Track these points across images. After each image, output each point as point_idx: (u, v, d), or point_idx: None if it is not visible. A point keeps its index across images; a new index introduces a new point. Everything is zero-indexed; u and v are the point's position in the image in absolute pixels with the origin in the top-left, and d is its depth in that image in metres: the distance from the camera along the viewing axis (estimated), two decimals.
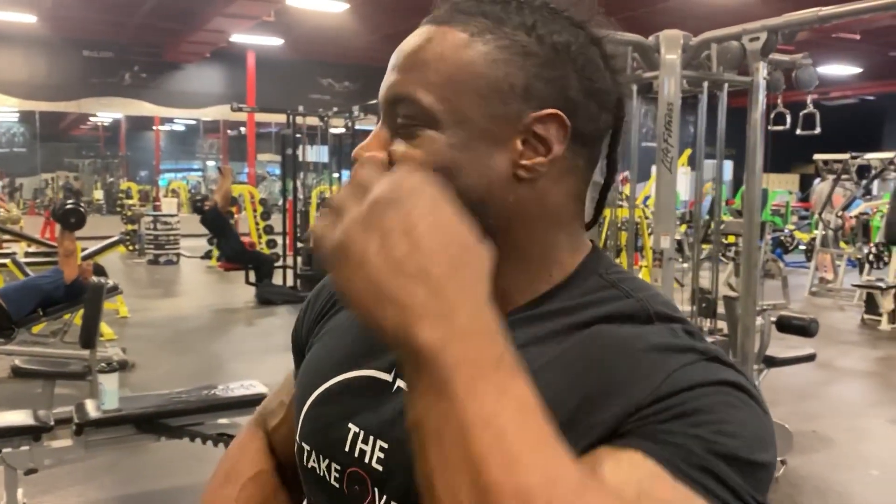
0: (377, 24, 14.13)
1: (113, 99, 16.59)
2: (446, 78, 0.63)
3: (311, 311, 0.85)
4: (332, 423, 0.72)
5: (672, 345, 0.60)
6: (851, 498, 3.64)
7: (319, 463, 0.73)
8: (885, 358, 6.75)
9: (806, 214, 15.25)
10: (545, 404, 0.58)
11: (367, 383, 0.71)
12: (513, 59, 0.63)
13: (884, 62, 16.74)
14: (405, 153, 0.64)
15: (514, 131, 0.63)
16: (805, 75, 4.16)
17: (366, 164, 0.58)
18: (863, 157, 10.12)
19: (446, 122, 0.63)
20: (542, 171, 0.64)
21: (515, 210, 0.64)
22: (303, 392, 0.77)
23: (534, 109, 0.63)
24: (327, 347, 0.78)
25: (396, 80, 0.65)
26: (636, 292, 0.66)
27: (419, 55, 0.65)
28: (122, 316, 7.49)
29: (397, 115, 0.65)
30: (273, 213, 11.94)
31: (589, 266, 0.68)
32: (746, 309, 4.04)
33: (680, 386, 0.56)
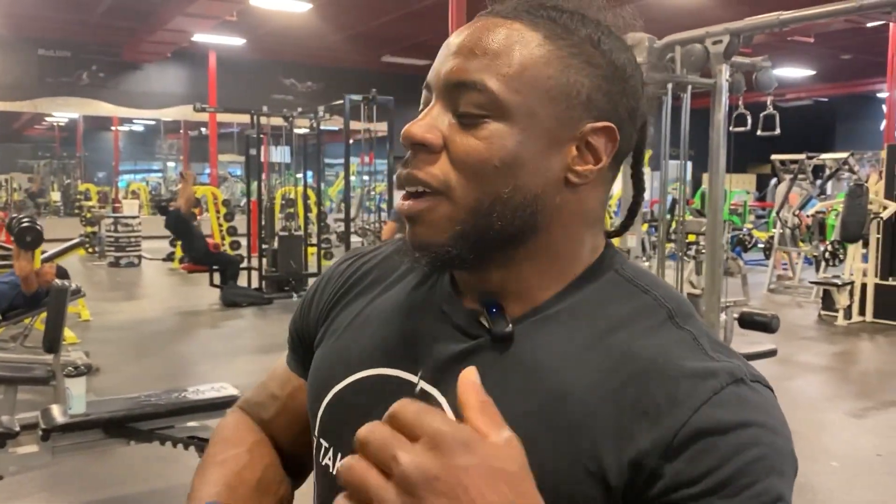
0: (341, 25, 14.08)
1: (70, 99, 16.24)
2: (520, 71, 0.63)
3: (319, 298, 0.82)
4: (354, 421, 0.67)
5: (697, 370, 0.60)
6: (814, 489, 3.74)
7: (335, 460, 0.72)
8: (841, 353, 6.94)
9: (763, 213, 15.59)
10: (568, 399, 0.61)
11: (391, 382, 0.69)
12: (582, 68, 0.64)
13: (836, 65, 17.18)
14: (469, 145, 0.63)
15: (571, 137, 0.65)
16: (765, 77, 4.27)
17: (430, 416, 0.46)
18: (818, 158, 10.37)
19: (516, 115, 0.63)
20: (589, 178, 0.66)
21: (559, 211, 0.66)
22: (321, 386, 0.75)
23: (592, 120, 0.65)
24: (345, 342, 0.76)
25: (462, 64, 0.64)
26: (652, 289, 0.67)
27: (489, 44, 0.64)
28: (85, 319, 7.36)
29: (459, 100, 0.64)
30: (236, 214, 11.83)
31: (605, 262, 0.69)
32: (710, 305, 4.13)
33: (707, 426, 0.57)
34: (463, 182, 0.63)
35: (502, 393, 0.61)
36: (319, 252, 9.59)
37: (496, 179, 0.63)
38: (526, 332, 0.66)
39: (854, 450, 4.34)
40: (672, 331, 0.64)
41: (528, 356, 0.65)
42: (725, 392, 0.59)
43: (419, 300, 0.73)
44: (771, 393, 0.63)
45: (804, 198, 10.57)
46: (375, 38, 15.20)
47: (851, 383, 5.99)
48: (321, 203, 10.21)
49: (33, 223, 5.49)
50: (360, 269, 0.81)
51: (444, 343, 0.68)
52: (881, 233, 7.83)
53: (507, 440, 0.47)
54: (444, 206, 0.64)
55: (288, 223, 9.39)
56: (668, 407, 0.58)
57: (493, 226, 0.64)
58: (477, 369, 0.62)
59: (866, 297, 7.88)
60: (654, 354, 0.62)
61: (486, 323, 0.67)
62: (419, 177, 0.64)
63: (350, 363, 0.73)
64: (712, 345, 0.63)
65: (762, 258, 11.70)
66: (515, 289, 0.68)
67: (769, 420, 0.60)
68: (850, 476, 3.95)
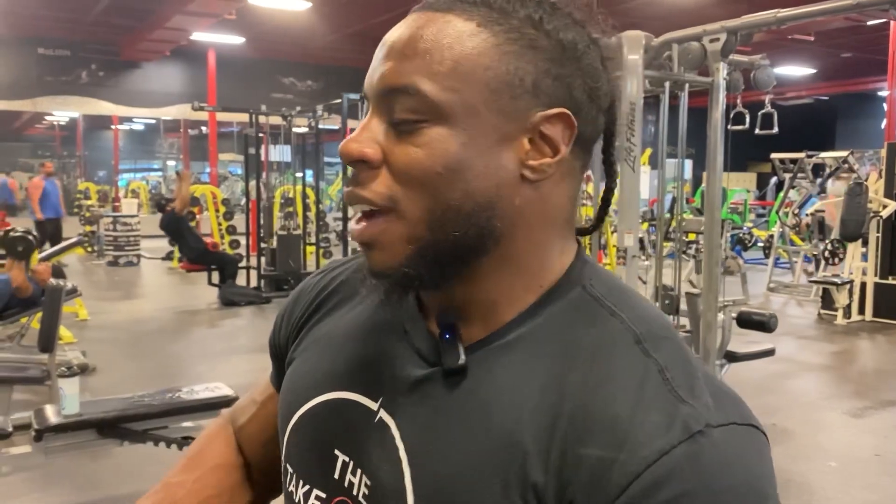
0: (340, 23, 14.06)
1: (69, 98, 16.23)
2: (453, 67, 0.58)
3: (290, 317, 0.79)
4: (318, 448, 0.67)
5: (650, 425, 0.53)
6: (811, 488, 3.72)
7: (298, 488, 0.69)
8: (840, 352, 6.92)
9: (763, 212, 15.57)
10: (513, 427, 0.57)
11: (352, 408, 0.66)
12: (522, 52, 0.58)
13: (836, 63, 17.15)
14: (408, 155, 0.58)
15: (522, 129, 0.59)
16: (763, 76, 4.25)
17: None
18: (818, 156, 10.35)
19: (455, 115, 0.58)
20: (548, 173, 0.60)
21: (520, 213, 0.60)
22: (287, 410, 0.72)
23: (542, 107, 0.59)
24: (310, 363, 0.73)
25: (393, 69, 0.59)
26: (620, 310, 0.61)
27: (419, 43, 0.58)
28: (82, 319, 7.35)
29: (394, 108, 0.59)
30: (235, 213, 11.82)
31: (573, 275, 0.63)
32: (708, 305, 4.11)
33: (646, 499, 0.51)
34: (409, 195, 0.59)
35: (450, 432, 0.59)
36: (318, 251, 9.58)
37: (443, 187, 0.58)
38: (483, 360, 0.61)
39: (852, 449, 4.32)
40: (637, 361, 0.57)
41: (482, 391, 0.60)
42: (675, 453, 0.51)
43: (384, 318, 0.69)
44: (750, 430, 0.56)
45: (803, 196, 10.55)
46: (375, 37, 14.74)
47: (850, 382, 5.97)
48: (320, 202, 10.18)
49: (25, 234, 5.47)
50: (330, 285, 0.78)
51: (403, 367, 0.64)
52: (881, 231, 7.81)
53: None
54: (397, 226, 0.59)
55: (287, 222, 9.38)
56: (612, 468, 0.52)
57: (448, 238, 0.59)
58: (431, 404, 0.61)
59: (866, 296, 7.86)
60: (608, 401, 0.55)
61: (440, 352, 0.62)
62: (363, 195, 0.60)
63: (313, 386, 0.70)
64: (684, 377, 0.56)
65: (762, 257, 11.68)
66: (480, 306, 0.63)
67: (726, 480, 0.52)
68: (848, 476, 3.94)
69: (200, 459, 0.83)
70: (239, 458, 0.84)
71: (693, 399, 0.55)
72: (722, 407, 0.55)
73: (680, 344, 0.60)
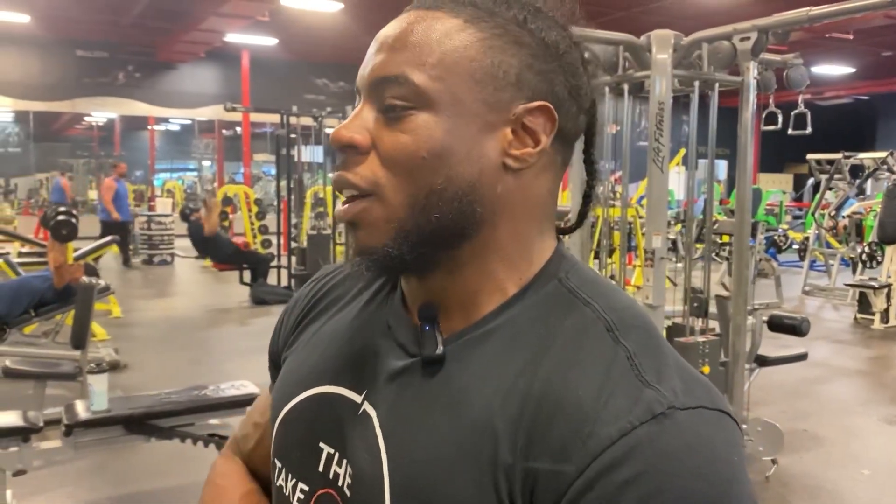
0: (371, 24, 13.94)
1: (107, 99, 16.55)
2: (440, 59, 0.61)
3: (287, 322, 0.83)
4: (303, 441, 0.70)
5: (614, 407, 0.54)
6: (842, 497, 3.64)
7: (286, 481, 0.71)
8: (877, 357, 6.77)
9: (800, 214, 15.29)
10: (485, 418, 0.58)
11: (337, 401, 0.68)
12: (507, 47, 0.62)
13: (877, 62, 16.78)
14: (395, 140, 0.61)
15: (504, 120, 0.62)
16: (796, 75, 4.17)
17: None
18: (855, 157, 10.15)
19: (440, 103, 0.61)
20: (529, 162, 0.63)
21: (501, 200, 0.63)
22: (276, 405, 0.74)
23: (524, 100, 0.62)
24: (300, 359, 0.75)
25: (384, 60, 0.63)
26: (594, 300, 0.63)
27: (409, 36, 0.62)
28: (116, 316, 7.47)
29: (384, 96, 0.62)
30: (268, 212, 11.93)
31: (550, 269, 0.65)
32: (738, 308, 4.05)
33: (607, 475, 0.52)
34: (393, 179, 0.61)
35: (427, 420, 0.61)
36: (347, 251, 9.60)
37: (426, 172, 0.61)
38: (460, 351, 0.63)
39: (887, 457, 4.22)
40: (607, 348, 0.58)
41: (457, 380, 0.61)
42: (635, 433, 0.52)
43: (369, 316, 0.72)
44: (718, 415, 0.56)
45: (841, 198, 10.35)
46: None
47: (886, 388, 5.83)
48: None
49: (69, 216, 5.58)
50: (323, 288, 0.81)
51: (386, 360, 0.67)
52: None
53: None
54: (377, 207, 0.62)
55: (317, 222, 9.44)
56: (573, 450, 0.53)
57: (430, 220, 0.61)
58: (409, 393, 0.63)
59: None
60: (574, 385, 0.56)
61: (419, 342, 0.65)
62: (348, 178, 0.63)
63: (300, 381, 0.72)
64: (652, 361, 0.57)
65: (797, 259, 11.48)
66: (460, 297, 0.65)
67: (686, 463, 0.52)
68: (881, 485, 3.84)
69: (227, 494, 0.84)
70: (256, 484, 0.85)
71: (659, 384, 0.56)
72: (691, 392, 0.56)
73: (651, 332, 0.61)
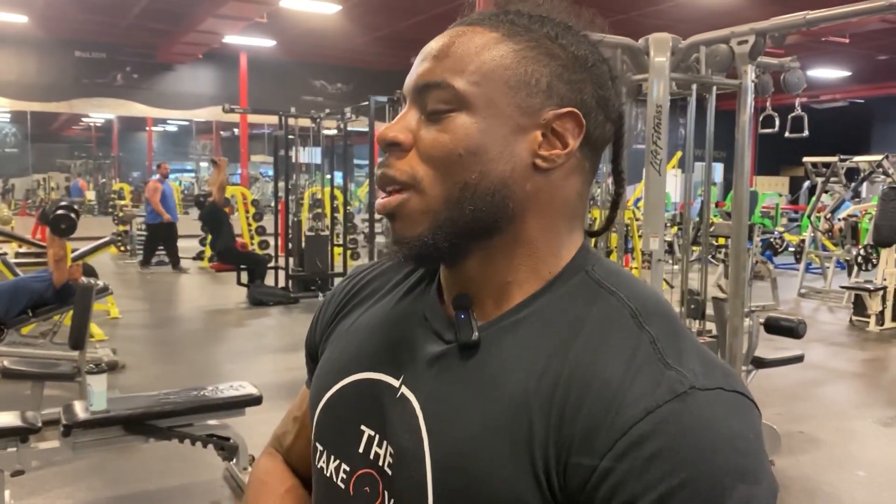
0: (369, 26, 14.14)
1: (105, 100, 16.54)
2: (478, 66, 0.67)
3: (323, 316, 0.87)
4: (345, 424, 0.74)
5: (640, 386, 0.59)
6: (839, 498, 3.66)
7: (328, 463, 0.75)
8: (872, 359, 6.79)
9: (796, 216, 15.33)
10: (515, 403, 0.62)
11: (377, 386, 0.73)
12: (539, 58, 0.68)
13: (873, 66, 16.84)
14: (434, 138, 0.67)
15: (535, 124, 0.67)
16: (793, 78, 4.19)
17: None
18: (851, 160, 10.18)
19: (477, 106, 0.67)
20: (557, 163, 0.68)
21: (531, 198, 0.68)
22: (317, 392, 0.79)
23: (554, 106, 0.67)
24: (339, 349, 0.80)
25: (428, 68, 0.69)
26: (619, 289, 0.67)
27: (451, 48, 0.69)
28: (114, 317, 7.47)
29: (426, 101, 0.68)
30: (265, 214, 11.93)
31: (577, 262, 0.70)
32: (735, 310, 4.06)
33: (633, 451, 0.56)
34: (430, 173, 0.67)
35: (463, 401, 0.65)
36: (346, 252, 9.63)
37: (462, 168, 0.66)
38: (494, 337, 0.67)
39: (883, 459, 4.24)
40: (632, 333, 0.63)
41: (492, 364, 0.66)
42: (660, 411, 0.57)
43: (406, 308, 0.77)
44: (737, 396, 0.61)
45: (837, 201, 10.38)
46: (404, 40, 15.23)
47: (882, 391, 5.85)
48: (348, 203, 10.25)
49: (69, 209, 5.58)
50: (360, 283, 0.86)
51: (423, 347, 0.71)
52: None
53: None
54: (415, 199, 0.67)
55: (315, 223, 9.45)
56: (602, 427, 0.58)
57: (464, 213, 0.67)
58: (447, 376, 0.68)
59: None
60: (602, 367, 0.61)
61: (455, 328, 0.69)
62: (389, 173, 0.68)
63: (341, 369, 0.77)
64: (674, 346, 0.62)
65: (793, 262, 11.51)
66: (492, 288, 0.70)
67: (708, 438, 0.56)
68: (877, 486, 3.86)
69: (270, 489, 0.89)
70: (297, 479, 0.90)
71: (681, 366, 0.60)
72: (710, 374, 0.61)
73: (672, 319, 0.66)
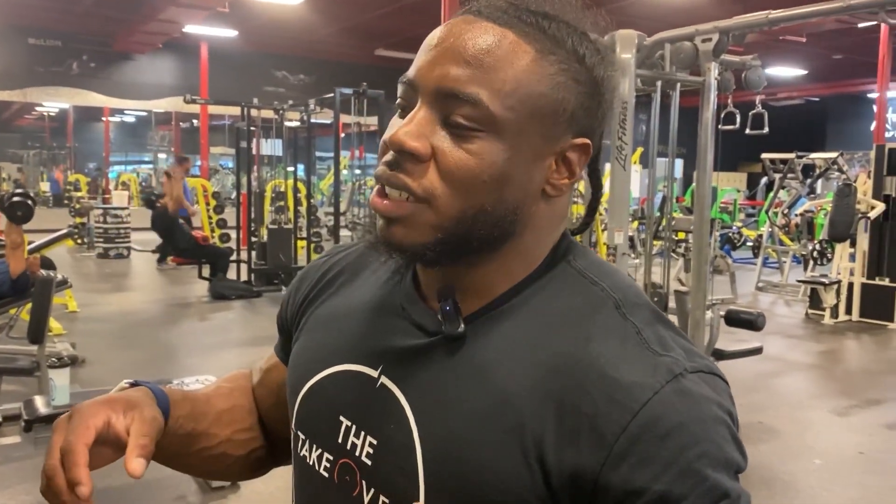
0: (333, 17, 14.03)
1: (60, 89, 16.13)
2: (514, 89, 0.63)
3: (295, 296, 0.87)
4: (324, 415, 0.75)
5: (637, 371, 0.61)
6: (796, 486, 3.77)
7: (311, 452, 0.75)
8: (827, 351, 6.98)
9: (753, 212, 15.64)
10: (507, 396, 0.63)
11: (355, 378, 0.73)
12: (569, 85, 0.65)
13: (828, 65, 17.23)
14: (460, 159, 0.63)
15: (552, 151, 0.66)
16: (754, 76, 4.28)
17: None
18: (808, 157, 10.41)
19: (507, 132, 0.63)
20: (564, 192, 0.69)
21: (532, 219, 0.68)
22: (296, 382, 0.79)
23: (572, 135, 0.67)
24: (316, 340, 0.80)
25: (459, 75, 0.63)
26: (601, 280, 0.69)
27: (486, 56, 0.63)
28: (72, 310, 7.33)
29: (451, 111, 0.63)
30: (226, 206, 11.78)
31: (558, 253, 0.71)
32: (696, 303, 4.15)
33: (648, 431, 0.58)
34: (449, 193, 0.64)
35: (453, 392, 0.66)
36: (309, 245, 9.57)
37: (482, 193, 0.64)
38: (479, 329, 0.68)
39: (837, 448, 4.37)
40: (617, 323, 0.65)
41: (479, 355, 0.66)
42: (664, 392, 0.59)
43: (383, 298, 0.76)
44: (717, 379, 0.64)
45: (793, 197, 10.62)
46: (369, 32, 15.16)
47: (836, 381, 6.02)
48: (311, 196, 10.18)
49: (25, 196, 5.47)
50: (335, 267, 0.85)
51: (402, 339, 0.71)
52: (868, 232, 7.87)
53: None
54: (427, 215, 0.65)
55: (278, 216, 9.37)
56: (608, 413, 0.59)
57: (473, 235, 0.65)
58: (434, 368, 0.68)
59: (853, 296, 7.92)
60: (596, 355, 0.62)
61: (441, 321, 0.68)
62: (407, 184, 0.64)
63: (321, 360, 0.77)
64: (656, 335, 0.64)
65: (751, 256, 11.75)
66: (479, 285, 0.69)
67: (709, 411, 0.60)
68: (832, 474, 3.98)
69: (236, 379, 0.93)
70: (248, 403, 0.92)
71: (667, 352, 0.63)
72: (692, 358, 0.64)
73: (651, 309, 0.68)
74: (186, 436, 0.79)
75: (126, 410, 0.69)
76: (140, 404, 0.70)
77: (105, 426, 0.67)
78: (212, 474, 0.89)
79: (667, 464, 0.57)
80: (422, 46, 0.67)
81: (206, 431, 0.82)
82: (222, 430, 0.85)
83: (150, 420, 0.69)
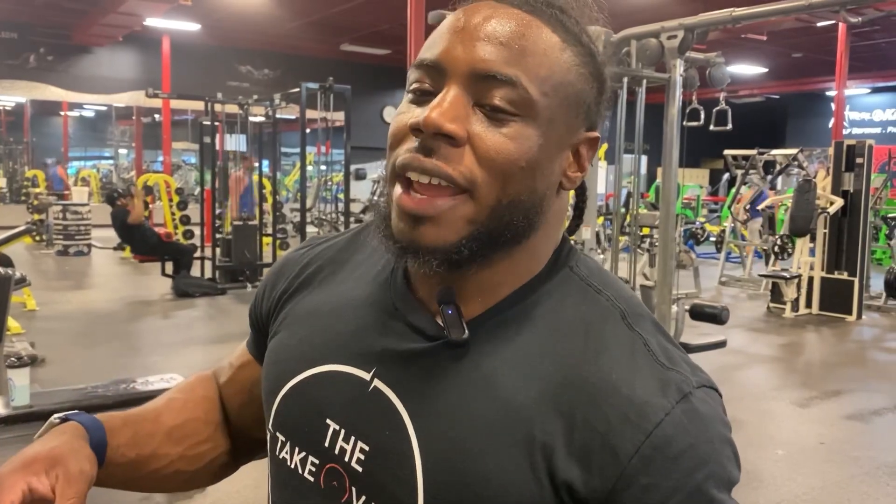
0: (298, 11, 13.91)
1: (16, 82, 15.78)
2: (549, 75, 0.62)
3: (272, 289, 0.82)
4: (308, 416, 0.70)
5: (648, 388, 0.60)
6: (760, 476, 3.83)
7: (293, 454, 0.71)
8: (788, 344, 7.11)
9: (715, 208, 15.88)
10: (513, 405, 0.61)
11: (344, 380, 0.69)
12: (588, 78, 0.65)
13: (788, 63, 17.56)
14: (501, 143, 0.60)
15: (570, 143, 0.66)
16: (718, 73, 4.34)
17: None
18: (769, 153, 10.59)
19: (542, 118, 0.62)
20: (576, 184, 0.68)
21: (547, 214, 0.66)
22: (276, 380, 0.74)
23: (585, 129, 0.66)
24: (297, 337, 0.75)
25: (494, 55, 0.60)
26: (605, 289, 0.68)
27: (521, 40, 0.61)
28: (30, 309, 7.17)
29: (489, 94, 0.60)
30: (189, 202, 11.63)
31: (561, 258, 0.69)
32: (662, 297, 4.20)
33: (660, 453, 0.58)
34: (489, 181, 0.61)
35: (455, 400, 0.63)
36: (275, 242, 9.49)
37: (518, 180, 0.62)
38: (483, 335, 0.65)
39: (798, 438, 4.46)
40: (625, 334, 0.64)
41: (484, 363, 0.64)
42: (675, 413, 0.59)
43: (373, 296, 0.72)
44: (716, 394, 0.64)
45: (755, 192, 10.79)
46: (334, 26, 15.06)
47: (797, 373, 6.14)
48: (277, 192, 10.08)
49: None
50: (315, 260, 0.80)
51: (398, 342, 0.67)
52: (827, 227, 8.04)
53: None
54: (468, 206, 0.61)
55: (242, 213, 9.26)
56: (622, 432, 0.58)
57: (502, 225, 0.63)
58: (434, 374, 0.65)
59: (813, 290, 8.09)
60: (607, 369, 0.61)
61: (443, 325, 0.65)
62: (447, 171, 0.60)
63: (304, 358, 0.72)
64: (661, 348, 0.64)
65: (714, 251, 11.92)
66: (484, 287, 0.66)
67: (715, 432, 0.61)
68: (794, 463, 4.06)
69: (191, 388, 0.88)
70: (220, 406, 0.88)
71: (674, 366, 0.63)
72: (695, 373, 0.64)
73: (652, 320, 0.68)
74: (130, 463, 0.76)
75: (48, 470, 0.63)
76: (64, 459, 0.64)
77: (25, 496, 0.61)
78: (171, 490, 0.86)
79: (677, 485, 0.57)
80: (440, 30, 0.64)
81: (155, 453, 0.79)
82: (173, 448, 0.81)
83: (76, 476, 0.63)
